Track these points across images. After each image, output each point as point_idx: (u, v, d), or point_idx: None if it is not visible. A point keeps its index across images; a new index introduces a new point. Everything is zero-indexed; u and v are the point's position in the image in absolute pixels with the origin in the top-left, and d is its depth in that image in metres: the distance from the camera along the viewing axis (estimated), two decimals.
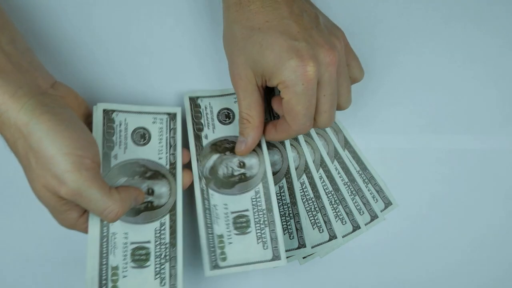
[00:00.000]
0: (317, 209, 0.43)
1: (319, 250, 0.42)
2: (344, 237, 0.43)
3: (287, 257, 0.41)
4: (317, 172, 0.43)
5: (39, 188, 0.31)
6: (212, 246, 0.37)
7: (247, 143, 0.37)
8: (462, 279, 0.44)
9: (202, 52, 0.42)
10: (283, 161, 0.42)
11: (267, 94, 0.40)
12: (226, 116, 0.40)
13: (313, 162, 0.43)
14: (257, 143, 0.37)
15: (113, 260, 0.35)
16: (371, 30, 0.44)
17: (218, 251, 0.37)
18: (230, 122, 0.40)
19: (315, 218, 0.43)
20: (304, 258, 0.43)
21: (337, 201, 0.43)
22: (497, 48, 0.45)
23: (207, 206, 0.38)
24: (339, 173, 0.44)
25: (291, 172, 0.42)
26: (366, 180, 0.44)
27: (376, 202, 0.44)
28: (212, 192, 0.38)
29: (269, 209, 0.38)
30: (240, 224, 0.38)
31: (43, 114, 0.30)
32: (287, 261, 0.42)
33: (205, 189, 0.39)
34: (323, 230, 0.42)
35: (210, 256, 0.37)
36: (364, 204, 0.44)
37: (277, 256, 0.37)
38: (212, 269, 0.37)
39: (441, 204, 0.44)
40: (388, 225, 0.44)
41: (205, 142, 0.40)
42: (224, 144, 0.40)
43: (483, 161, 0.44)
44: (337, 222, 0.43)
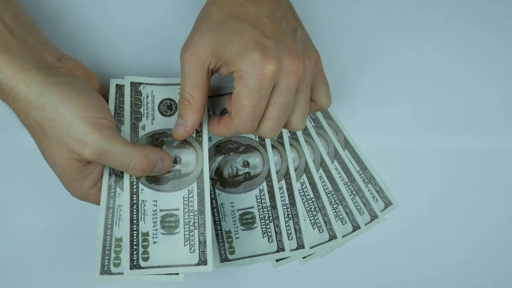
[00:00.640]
0: (317, 209, 0.43)
1: (319, 250, 0.42)
2: (344, 237, 0.43)
3: (285, 258, 0.42)
4: (317, 172, 0.43)
5: (59, 156, 0.31)
6: (222, 241, 0.40)
7: (186, 126, 0.35)
8: (462, 279, 0.44)
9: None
10: (282, 162, 0.42)
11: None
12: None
13: (313, 162, 0.43)
14: (196, 127, 0.36)
15: (143, 227, 0.36)
16: (371, 30, 0.44)
17: (227, 245, 0.39)
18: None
19: (315, 218, 0.43)
20: (304, 258, 0.43)
21: (337, 201, 0.43)
22: (497, 48, 0.45)
23: (214, 205, 0.40)
24: (339, 173, 0.44)
25: (290, 173, 0.42)
26: (366, 180, 0.44)
27: (376, 202, 0.44)
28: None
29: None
30: (246, 220, 0.40)
31: (53, 84, 0.31)
32: (286, 261, 0.42)
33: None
34: (323, 230, 0.43)
35: (220, 249, 0.40)
36: (364, 204, 0.44)
37: (281, 248, 0.39)
38: (222, 261, 0.39)
39: (441, 204, 0.44)
40: (388, 225, 0.44)
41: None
42: (228, 145, 0.41)
43: (483, 161, 0.44)
44: (337, 222, 0.43)
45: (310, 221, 0.42)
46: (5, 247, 0.42)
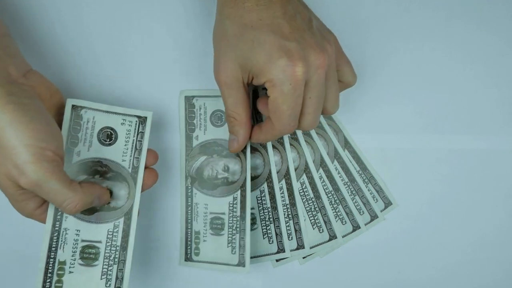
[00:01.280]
0: (317, 209, 0.43)
1: (319, 250, 0.42)
2: (344, 237, 0.43)
3: (285, 258, 0.42)
4: (317, 172, 0.43)
5: (1, 176, 0.31)
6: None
7: (239, 141, 0.37)
8: (462, 279, 0.44)
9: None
10: (282, 162, 0.42)
11: (253, 98, 0.40)
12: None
13: (313, 162, 0.43)
14: (248, 139, 0.37)
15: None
16: (371, 30, 0.44)
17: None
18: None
19: (315, 218, 0.43)
20: (304, 258, 0.43)
21: (337, 201, 0.43)
22: (497, 48, 0.45)
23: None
24: (339, 173, 0.44)
25: (291, 173, 0.42)
26: (366, 180, 0.44)
27: (376, 202, 0.44)
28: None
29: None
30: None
31: (8, 104, 0.30)
32: (285, 261, 0.42)
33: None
34: (323, 230, 0.43)
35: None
36: (364, 204, 0.44)
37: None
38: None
39: (441, 204, 0.44)
40: (388, 225, 0.44)
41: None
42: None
43: (483, 161, 0.44)
44: (337, 222, 0.43)
45: (310, 221, 0.42)
46: None
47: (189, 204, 0.41)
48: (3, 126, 0.30)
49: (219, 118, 0.41)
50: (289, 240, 0.42)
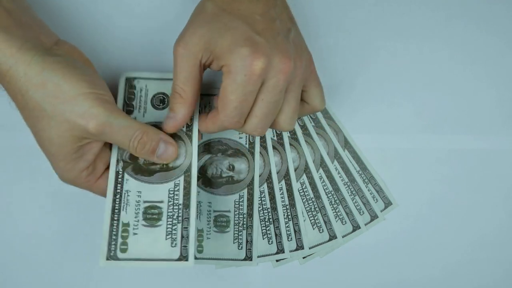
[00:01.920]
0: (317, 209, 0.43)
1: (319, 250, 0.42)
2: (344, 237, 0.43)
3: (284, 258, 0.42)
4: (317, 172, 0.43)
5: (58, 134, 0.31)
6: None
7: (176, 119, 0.35)
8: (462, 279, 0.44)
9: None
10: (282, 163, 0.42)
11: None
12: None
13: (313, 162, 0.43)
14: (187, 121, 0.36)
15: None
16: (371, 30, 0.44)
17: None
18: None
19: (315, 218, 0.43)
20: (304, 258, 0.43)
21: (337, 201, 0.43)
22: (497, 48, 0.45)
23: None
24: (339, 173, 0.44)
25: (290, 173, 0.42)
26: (366, 180, 0.44)
27: (376, 202, 0.44)
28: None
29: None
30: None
31: (54, 63, 0.31)
32: (285, 261, 0.42)
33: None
34: (323, 230, 0.43)
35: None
36: (364, 204, 0.44)
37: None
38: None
39: (441, 204, 0.44)
40: (388, 225, 0.44)
41: None
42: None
43: (483, 161, 0.44)
44: (337, 222, 0.43)
45: (310, 221, 0.43)
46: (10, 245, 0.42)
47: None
48: (57, 82, 0.31)
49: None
50: (288, 241, 0.42)
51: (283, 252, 0.41)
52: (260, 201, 0.42)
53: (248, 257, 0.40)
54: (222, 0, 0.33)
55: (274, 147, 0.42)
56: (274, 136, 0.43)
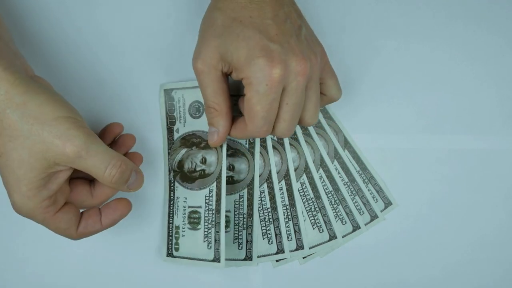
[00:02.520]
0: (317, 209, 0.43)
1: (319, 250, 0.42)
2: (344, 237, 0.43)
3: (283, 259, 0.42)
4: (317, 172, 0.43)
5: (29, 156, 0.31)
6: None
7: (219, 133, 0.36)
8: (462, 279, 0.44)
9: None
10: (282, 163, 0.42)
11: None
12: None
13: (313, 162, 0.43)
14: (228, 131, 0.36)
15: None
16: (371, 30, 0.44)
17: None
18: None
19: (315, 218, 0.43)
20: (304, 258, 0.43)
21: (337, 201, 0.43)
22: (497, 48, 0.45)
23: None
24: (339, 173, 0.44)
25: (290, 173, 0.42)
26: (366, 180, 0.44)
27: (376, 202, 0.44)
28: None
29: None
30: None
31: (38, 87, 0.32)
32: (285, 261, 0.42)
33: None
34: (323, 230, 0.43)
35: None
36: (364, 204, 0.44)
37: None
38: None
39: (441, 204, 0.44)
40: (388, 225, 0.44)
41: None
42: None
43: (483, 161, 0.44)
44: (337, 222, 0.43)
45: (310, 221, 0.43)
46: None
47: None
48: (40, 103, 0.31)
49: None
50: (288, 241, 0.42)
51: (283, 252, 0.41)
52: (260, 201, 0.42)
53: (248, 257, 0.41)
54: (231, 9, 0.33)
55: (274, 147, 0.42)
56: (274, 136, 0.43)
